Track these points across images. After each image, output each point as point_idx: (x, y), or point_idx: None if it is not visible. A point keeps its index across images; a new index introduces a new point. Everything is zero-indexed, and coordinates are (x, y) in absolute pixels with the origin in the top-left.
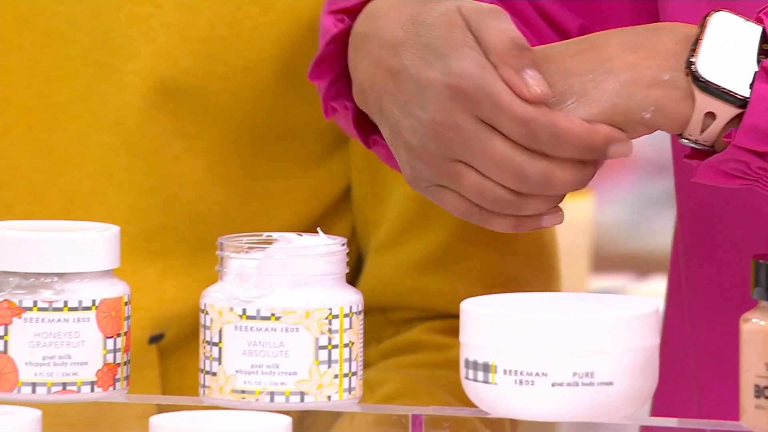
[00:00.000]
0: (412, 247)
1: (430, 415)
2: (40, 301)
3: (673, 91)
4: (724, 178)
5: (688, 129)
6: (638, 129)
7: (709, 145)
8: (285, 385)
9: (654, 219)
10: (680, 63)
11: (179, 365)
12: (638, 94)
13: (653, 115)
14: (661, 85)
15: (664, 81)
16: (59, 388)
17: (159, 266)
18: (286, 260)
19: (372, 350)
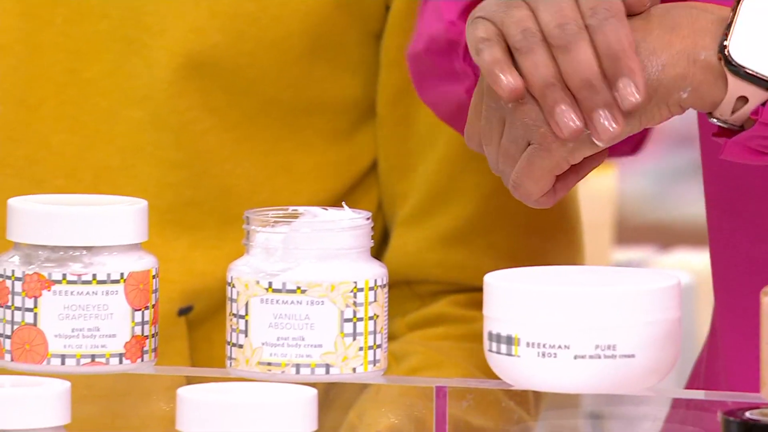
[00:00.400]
0: (438, 221)
1: (453, 387)
2: (69, 274)
3: (708, 73)
4: (751, 155)
5: (719, 110)
6: (673, 108)
7: (738, 126)
8: (310, 357)
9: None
10: (715, 44)
11: (208, 337)
12: (676, 74)
13: (689, 96)
14: (697, 66)
15: (700, 61)
16: (88, 360)
17: (188, 239)
18: (312, 234)
19: (397, 323)
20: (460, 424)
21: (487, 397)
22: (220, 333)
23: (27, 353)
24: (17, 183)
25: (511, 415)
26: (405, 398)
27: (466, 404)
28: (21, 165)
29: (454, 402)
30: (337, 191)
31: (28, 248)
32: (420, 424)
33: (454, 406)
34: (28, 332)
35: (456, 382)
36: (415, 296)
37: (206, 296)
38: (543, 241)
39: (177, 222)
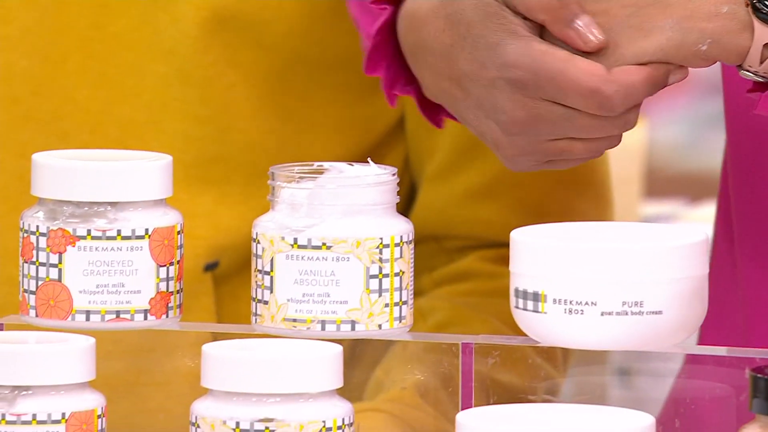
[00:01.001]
0: (465, 177)
1: (480, 344)
2: (93, 229)
3: (731, 23)
4: None
5: (747, 60)
6: (695, 62)
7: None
8: (336, 313)
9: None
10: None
11: (234, 293)
12: (694, 27)
13: (710, 48)
14: (718, 18)
15: (723, 14)
16: (113, 316)
17: (214, 195)
18: (337, 190)
19: (425, 278)
20: (486, 381)
21: (514, 353)
22: (247, 289)
23: (51, 309)
24: (42, 138)
25: (538, 371)
26: (431, 355)
27: (493, 361)
28: (46, 120)
29: (481, 358)
30: (363, 147)
31: (53, 204)
32: (446, 380)
33: (481, 362)
34: (52, 288)
35: (482, 338)
36: (443, 252)
37: (232, 252)
38: (571, 196)
39: (203, 177)
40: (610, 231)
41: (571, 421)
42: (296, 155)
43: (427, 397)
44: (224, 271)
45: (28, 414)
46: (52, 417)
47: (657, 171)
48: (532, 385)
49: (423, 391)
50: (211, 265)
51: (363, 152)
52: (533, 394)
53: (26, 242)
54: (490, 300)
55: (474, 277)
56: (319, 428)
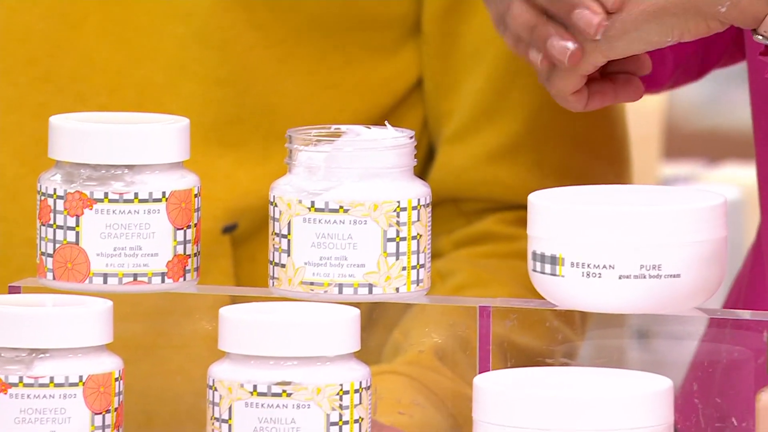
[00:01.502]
0: (484, 139)
1: (498, 307)
2: (110, 192)
3: None
4: None
5: (762, 26)
6: (712, 23)
7: None
8: (353, 277)
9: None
10: None
11: (252, 256)
12: None
13: (728, 10)
14: None
15: None
16: (130, 279)
17: (232, 157)
18: (354, 153)
19: (443, 240)
20: (504, 344)
21: (532, 316)
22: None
23: (69, 272)
24: (60, 100)
25: (556, 334)
26: (449, 317)
27: (510, 324)
28: (63, 82)
29: (498, 321)
30: (381, 108)
31: (70, 166)
32: (464, 343)
33: (498, 325)
34: (69, 251)
35: (500, 301)
36: (461, 214)
37: (250, 214)
38: (590, 158)
39: (221, 139)
40: (628, 194)
41: (588, 384)
42: (314, 117)
43: (444, 360)
44: (242, 234)
45: (45, 377)
46: (70, 380)
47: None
48: (549, 348)
49: (441, 353)
50: (229, 228)
51: (381, 114)
52: (551, 357)
53: (44, 205)
54: (508, 262)
55: (492, 240)
56: (336, 391)
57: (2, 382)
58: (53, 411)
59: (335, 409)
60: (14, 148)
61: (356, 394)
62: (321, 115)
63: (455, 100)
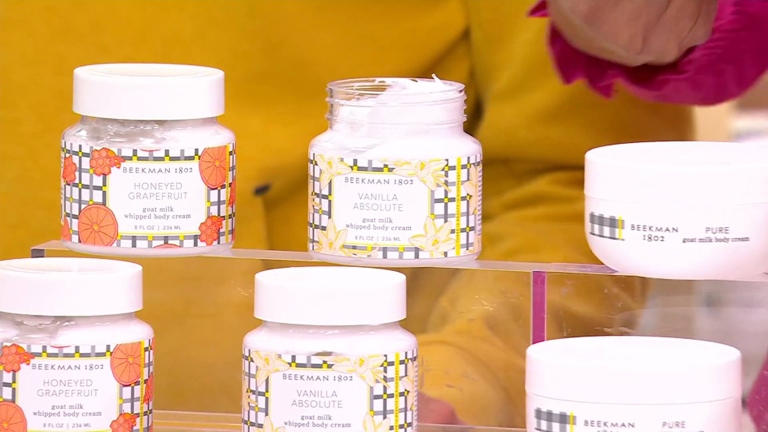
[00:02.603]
0: (535, 96)
1: (552, 272)
2: (139, 150)
3: None
4: None
5: None
6: None
7: None
8: (398, 240)
9: None
10: None
11: (286, 218)
12: None
13: None
14: None
15: None
16: (160, 242)
17: (264, 114)
18: (400, 108)
19: (493, 202)
20: (559, 312)
21: (589, 283)
22: (299, 214)
23: (95, 234)
24: (81, 52)
25: (615, 302)
26: (500, 284)
27: (566, 291)
28: (86, 32)
29: (553, 288)
30: (424, 62)
31: (96, 122)
32: (516, 311)
33: (553, 292)
34: (96, 212)
35: (555, 266)
36: (512, 175)
37: (284, 174)
38: (649, 114)
39: (252, 95)
40: (693, 151)
41: (649, 355)
42: (352, 72)
43: (496, 329)
44: (276, 195)
45: (70, 346)
46: (96, 349)
47: None
48: (608, 317)
49: (492, 322)
50: (261, 189)
51: (424, 68)
52: (609, 327)
53: (68, 163)
54: (564, 225)
55: (546, 201)
56: (381, 362)
57: (25, 352)
58: (79, 383)
59: (379, 382)
60: (32, 103)
61: (402, 366)
62: (359, 70)
63: (506, 53)
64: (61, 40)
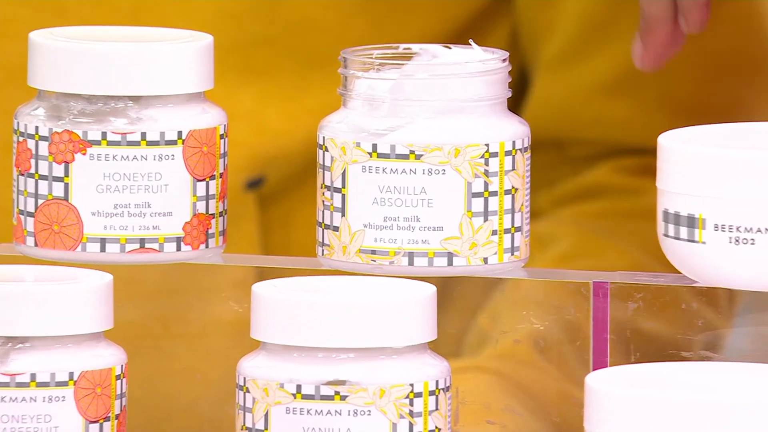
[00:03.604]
0: (596, 63)
1: (617, 283)
2: (110, 132)
3: None
4: None
5: None
6: None
7: None
8: (428, 243)
9: None
10: None
11: (284, 218)
12: None
13: None
14: None
15: None
16: (135, 245)
17: (257, 89)
18: (430, 81)
19: (543, 196)
20: (626, 331)
21: (663, 295)
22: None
23: (55, 236)
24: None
25: (695, 319)
26: (553, 297)
27: (635, 306)
28: None
29: (619, 302)
30: (455, 24)
31: (57, 98)
32: (573, 330)
33: (619, 307)
34: (56, 209)
35: (621, 276)
36: (566, 161)
37: (282, 164)
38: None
39: (243, 66)
40: None
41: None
42: (365, 37)
43: (547, 353)
44: (272, 189)
45: (24, 374)
46: (57, 378)
47: None
48: (686, 338)
49: (542, 344)
50: (254, 182)
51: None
52: (688, 350)
53: (22, 149)
54: (630, 224)
55: (608, 194)
56: (406, 393)
57: None
58: (35, 418)
59: (404, 417)
60: None
61: (431, 398)
62: (375, 34)
63: (557, 13)
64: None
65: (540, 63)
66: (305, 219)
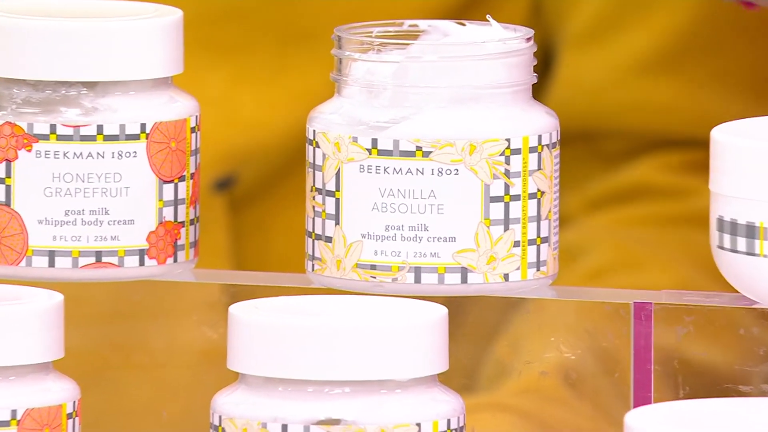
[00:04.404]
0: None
1: (663, 304)
2: (60, 125)
3: None
4: None
5: None
6: None
7: None
8: (438, 257)
9: None
10: None
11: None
12: None
13: None
14: None
15: None
16: (90, 260)
17: (227, 70)
18: (440, 64)
19: (573, 199)
20: (672, 362)
21: (717, 319)
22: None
23: None
24: None
25: (755, 346)
26: (585, 320)
27: (684, 331)
28: None
29: (665, 327)
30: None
31: None
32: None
33: (665, 332)
34: None
35: (667, 295)
36: (600, 157)
37: (258, 160)
38: None
39: (210, 44)
40: None
41: None
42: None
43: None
44: (245, 191)
45: None
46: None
47: None
48: (745, 369)
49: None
50: (224, 182)
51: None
52: (747, 384)
53: None
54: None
55: (651, 196)
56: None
57: None
58: None
59: None
60: None
61: None
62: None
63: None
64: None
65: (566, 38)
66: (285, 226)
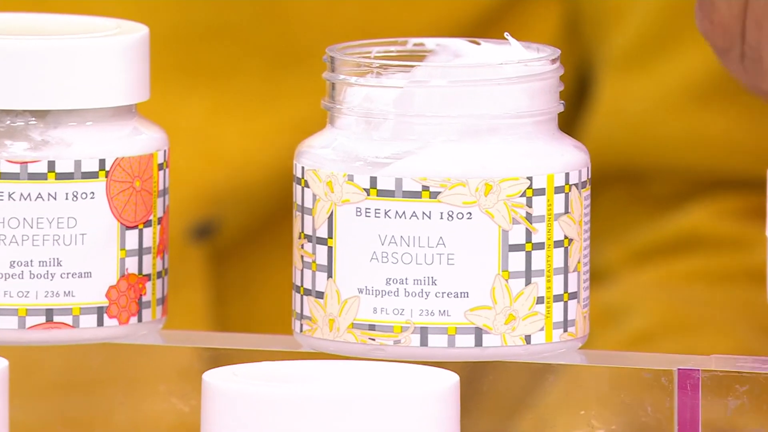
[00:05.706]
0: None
1: (712, 372)
2: (4, 161)
3: None
4: None
5: None
6: None
7: None
8: (447, 316)
9: None
10: None
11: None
12: None
13: None
14: None
15: None
16: (40, 319)
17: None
18: (450, 89)
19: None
20: None
21: None
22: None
23: None
24: None
25: None
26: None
27: (736, 403)
28: None
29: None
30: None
31: None
32: None
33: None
34: None
35: (718, 361)
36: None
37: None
38: None
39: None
40: None
41: None
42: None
43: None
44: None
45: None
46: None
47: None
48: None
49: None
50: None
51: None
52: None
53: None
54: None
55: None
56: None
57: None
58: None
59: None
60: None
61: None
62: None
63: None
64: None
65: (606, 60)
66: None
